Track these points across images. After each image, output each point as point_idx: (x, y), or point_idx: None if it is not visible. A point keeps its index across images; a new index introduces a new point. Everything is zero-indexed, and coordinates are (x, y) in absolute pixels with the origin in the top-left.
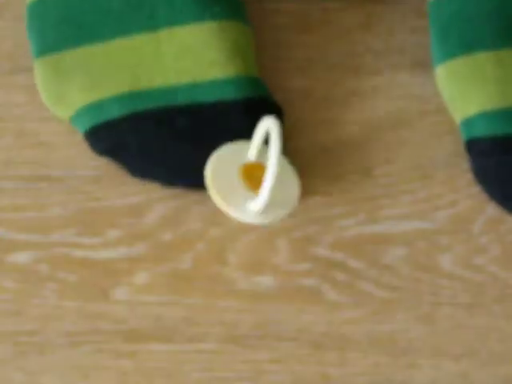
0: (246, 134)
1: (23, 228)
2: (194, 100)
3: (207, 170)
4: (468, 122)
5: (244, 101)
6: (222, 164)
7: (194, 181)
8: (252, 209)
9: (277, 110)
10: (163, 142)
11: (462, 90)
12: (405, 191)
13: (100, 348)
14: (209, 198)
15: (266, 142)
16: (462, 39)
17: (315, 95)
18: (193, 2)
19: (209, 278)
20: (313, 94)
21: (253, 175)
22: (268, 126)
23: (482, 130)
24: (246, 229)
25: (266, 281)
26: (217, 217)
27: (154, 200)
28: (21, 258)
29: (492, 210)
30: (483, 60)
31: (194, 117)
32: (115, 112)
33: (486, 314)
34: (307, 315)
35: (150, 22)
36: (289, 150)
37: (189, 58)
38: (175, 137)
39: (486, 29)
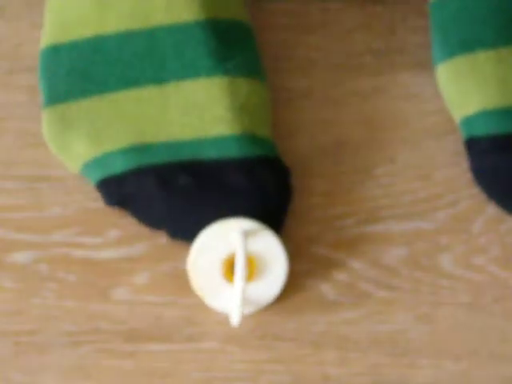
0: (247, 194)
1: (23, 228)
2: (197, 156)
3: (188, 261)
4: (468, 121)
5: (247, 160)
6: (205, 253)
7: (190, 238)
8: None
9: (283, 172)
10: (165, 198)
11: (462, 89)
12: (405, 191)
13: (100, 348)
14: None
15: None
16: (463, 38)
17: (315, 95)
18: (204, 57)
19: None
20: (313, 93)
21: (230, 268)
22: (235, 242)
23: (481, 129)
24: None
25: None
26: None
27: None
28: (21, 257)
29: (492, 209)
30: (484, 59)
31: (196, 174)
32: (120, 166)
33: (486, 314)
34: (307, 315)
35: (158, 74)
36: (289, 149)
37: (195, 114)
38: (176, 194)
39: (487, 28)
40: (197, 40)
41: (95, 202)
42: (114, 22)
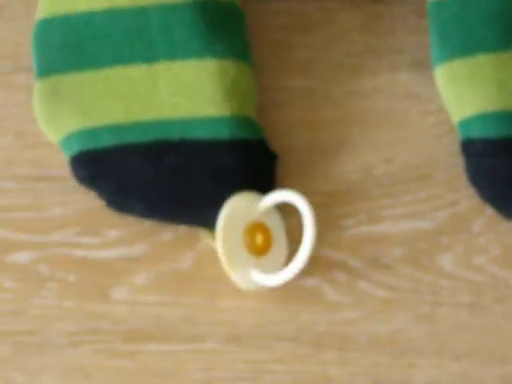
0: (235, 174)
1: (23, 228)
2: (186, 136)
3: (218, 226)
4: (465, 124)
5: (236, 141)
6: (231, 221)
7: (174, 217)
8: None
9: (271, 155)
10: (148, 176)
11: (460, 92)
12: (405, 191)
13: (100, 348)
14: None
15: None
16: (462, 41)
17: (315, 95)
18: (194, 38)
19: (209, 277)
20: (313, 93)
21: (254, 237)
22: (298, 204)
23: (478, 132)
24: None
25: None
26: None
27: None
28: (21, 257)
29: (492, 209)
30: (483, 62)
31: (183, 153)
32: (104, 141)
33: (486, 314)
34: (307, 315)
35: (148, 53)
36: (288, 149)
37: (185, 94)
38: (162, 171)
39: (487, 31)
40: (187, 21)
41: (95, 201)
42: None
